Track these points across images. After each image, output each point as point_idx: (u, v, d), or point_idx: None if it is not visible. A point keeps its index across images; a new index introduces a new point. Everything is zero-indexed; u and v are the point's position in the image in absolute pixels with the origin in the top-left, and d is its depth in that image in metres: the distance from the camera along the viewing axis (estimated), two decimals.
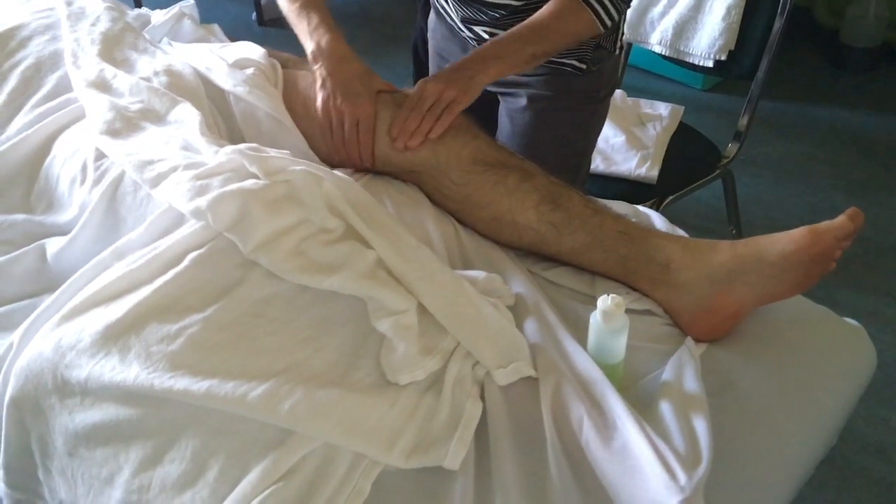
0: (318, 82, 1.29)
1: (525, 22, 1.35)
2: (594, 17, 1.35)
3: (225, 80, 1.30)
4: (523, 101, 1.57)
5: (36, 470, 1.02)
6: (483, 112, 1.36)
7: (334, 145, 1.28)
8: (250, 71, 1.31)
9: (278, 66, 1.37)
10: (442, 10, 1.63)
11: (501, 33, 1.37)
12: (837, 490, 1.77)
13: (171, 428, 0.95)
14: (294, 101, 1.32)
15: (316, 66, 1.30)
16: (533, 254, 1.26)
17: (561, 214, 1.21)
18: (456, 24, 1.58)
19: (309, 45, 1.32)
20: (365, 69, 1.30)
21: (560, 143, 1.60)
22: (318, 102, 1.28)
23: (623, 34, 1.58)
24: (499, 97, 1.64)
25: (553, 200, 1.22)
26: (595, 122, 1.64)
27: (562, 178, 1.26)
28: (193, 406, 0.95)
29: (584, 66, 1.51)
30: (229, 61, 1.33)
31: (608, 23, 1.36)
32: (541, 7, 1.38)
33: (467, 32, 1.57)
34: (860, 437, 1.87)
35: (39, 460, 1.01)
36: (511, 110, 1.60)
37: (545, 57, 1.39)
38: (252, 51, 1.38)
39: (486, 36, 1.53)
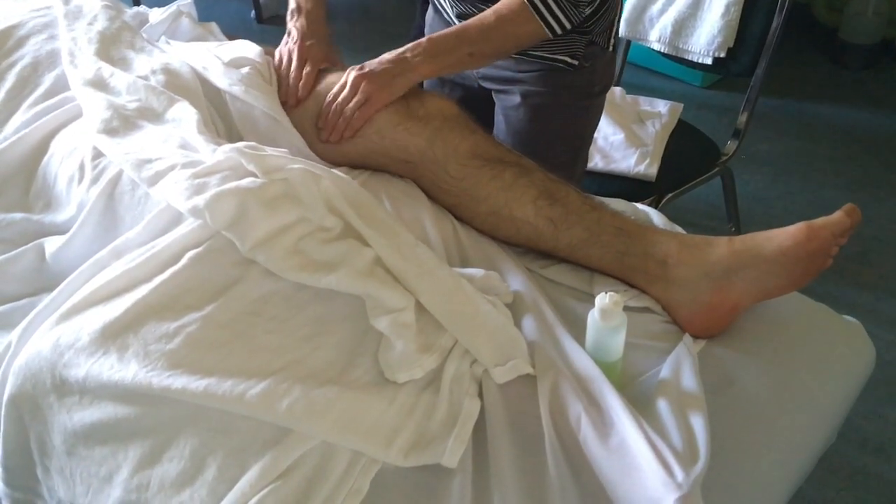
0: (286, 34, 1.39)
1: (469, 20, 1.35)
2: (542, 23, 1.33)
3: (221, 79, 1.30)
4: (517, 98, 1.57)
5: (35, 469, 1.02)
6: (479, 110, 1.36)
7: (282, 84, 1.34)
8: (246, 70, 1.31)
9: (274, 64, 1.37)
10: (439, 6, 1.63)
11: (445, 29, 1.37)
12: (836, 487, 1.77)
13: (170, 427, 0.95)
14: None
15: (290, 21, 1.39)
16: (531, 250, 1.26)
17: (559, 209, 1.21)
18: (452, 20, 1.58)
19: (291, 4, 1.42)
20: (328, 37, 1.39)
21: (555, 139, 1.60)
22: (279, 46, 1.37)
23: (617, 32, 1.57)
24: (493, 95, 1.64)
25: (551, 196, 1.22)
26: (590, 118, 1.64)
27: (558, 175, 1.27)
28: (192, 405, 0.95)
29: (576, 63, 1.51)
30: (225, 60, 1.33)
31: (557, 30, 1.35)
32: None
33: None
34: (859, 435, 1.87)
35: (38, 459, 1.02)
36: (505, 108, 1.61)
37: (485, 58, 1.39)
38: (248, 49, 1.38)
39: None
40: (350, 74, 1.28)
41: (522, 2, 1.32)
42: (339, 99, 1.27)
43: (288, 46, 1.39)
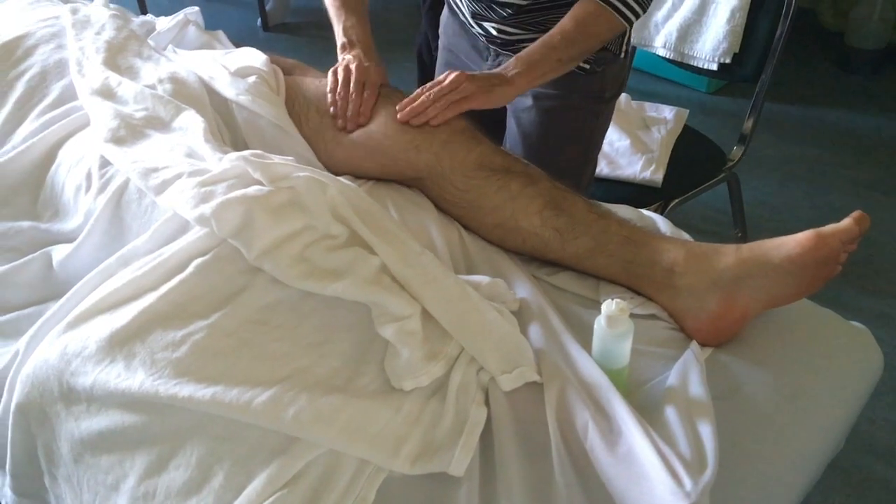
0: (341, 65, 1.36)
1: (552, 30, 1.38)
2: (617, 15, 1.36)
3: (228, 89, 1.30)
4: (529, 101, 1.58)
5: (42, 477, 1.03)
6: (491, 116, 1.37)
7: (335, 101, 1.31)
8: (252, 79, 1.32)
9: (280, 73, 1.37)
10: (455, 6, 1.65)
11: (527, 41, 1.39)
12: (845, 494, 1.76)
13: (177, 435, 0.95)
14: (297, 108, 1.32)
15: (343, 53, 1.38)
16: (537, 259, 1.26)
17: (565, 219, 1.21)
18: (467, 20, 1.60)
19: (340, 39, 1.40)
20: (383, 65, 1.37)
21: (565, 142, 1.61)
22: (332, 70, 1.35)
23: (629, 39, 1.58)
24: None
25: (557, 205, 1.22)
26: (600, 123, 1.65)
27: (567, 179, 1.27)
28: (198, 413, 0.95)
29: (587, 66, 1.52)
30: (231, 69, 1.33)
31: (633, 18, 1.38)
32: (547, 6, 1.41)
33: (477, 28, 1.59)
34: (868, 441, 1.86)
35: (45, 467, 1.02)
36: (517, 110, 1.62)
37: (574, 61, 1.42)
38: (254, 58, 1.38)
39: (494, 32, 1.54)
40: (450, 74, 1.29)
41: (598, 3, 1.35)
42: (436, 89, 1.27)
43: (345, 66, 1.35)
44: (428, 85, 1.29)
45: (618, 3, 1.35)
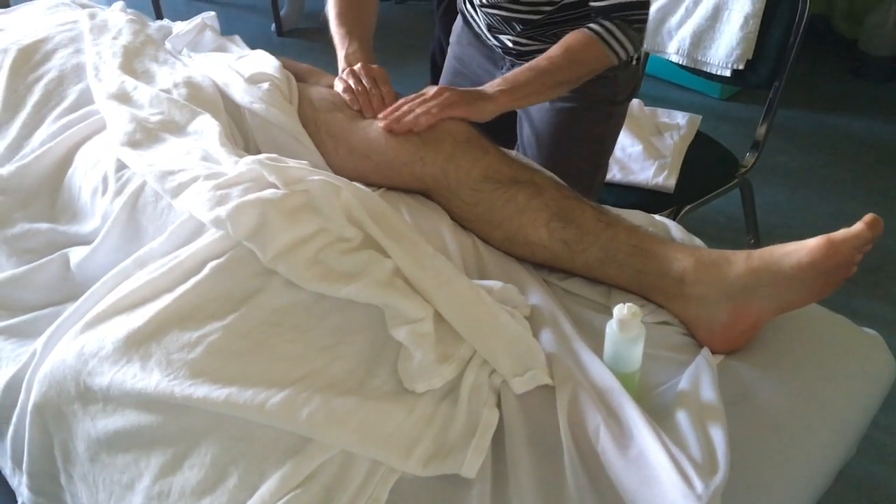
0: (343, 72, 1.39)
1: (542, 55, 1.39)
2: (607, 49, 1.39)
3: (242, 95, 1.31)
4: (546, 103, 1.59)
5: (58, 475, 1.04)
6: (499, 124, 1.38)
7: (355, 98, 1.34)
8: (266, 86, 1.32)
9: (293, 80, 1.38)
10: (470, 18, 1.66)
11: (522, 64, 1.40)
12: (855, 501, 1.76)
13: (192, 435, 0.96)
14: (308, 116, 1.33)
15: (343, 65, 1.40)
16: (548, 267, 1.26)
17: (573, 231, 1.20)
18: (483, 32, 1.61)
19: (342, 65, 1.42)
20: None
21: (578, 143, 1.63)
22: (337, 79, 1.39)
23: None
24: None
25: (564, 217, 1.21)
26: (612, 124, 1.66)
27: (579, 180, 1.27)
28: (213, 413, 0.96)
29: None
30: (245, 75, 1.34)
31: (622, 55, 1.41)
32: (558, 19, 1.41)
33: (493, 41, 1.60)
34: (879, 448, 1.85)
35: (62, 466, 1.03)
36: (531, 112, 1.63)
37: (559, 87, 1.43)
38: (267, 64, 1.39)
39: (510, 44, 1.56)
40: (431, 88, 1.31)
41: (590, 35, 1.38)
42: (419, 99, 1.30)
43: (349, 71, 1.39)
44: (412, 96, 1.31)
45: (609, 39, 1.38)
